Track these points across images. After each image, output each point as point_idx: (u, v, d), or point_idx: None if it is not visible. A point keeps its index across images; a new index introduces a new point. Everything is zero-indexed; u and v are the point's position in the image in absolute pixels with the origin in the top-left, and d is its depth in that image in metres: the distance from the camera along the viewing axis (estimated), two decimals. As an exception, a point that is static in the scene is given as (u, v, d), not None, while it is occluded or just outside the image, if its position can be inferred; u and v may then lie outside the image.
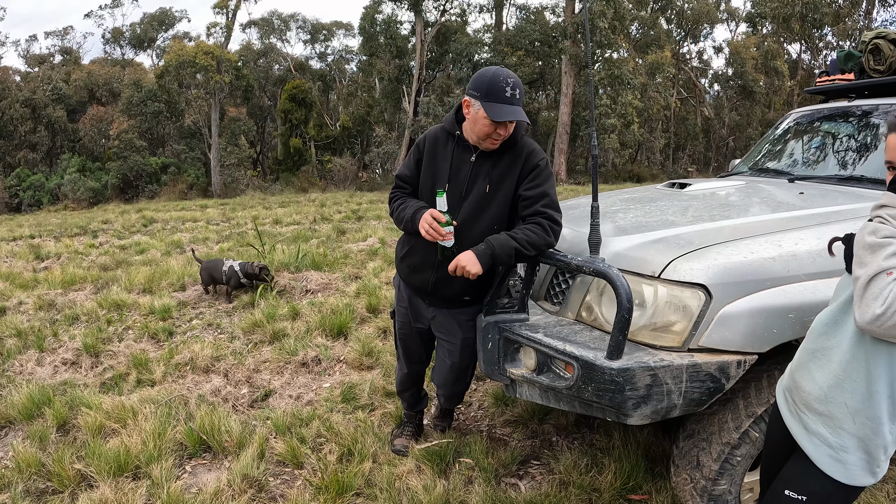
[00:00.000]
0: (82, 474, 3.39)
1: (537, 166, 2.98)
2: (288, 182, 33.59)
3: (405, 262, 3.24)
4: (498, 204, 3.00)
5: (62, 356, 5.21)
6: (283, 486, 3.35)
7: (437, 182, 3.07)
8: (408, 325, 3.40)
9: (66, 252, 10.46)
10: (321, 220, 14.89)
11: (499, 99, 2.80)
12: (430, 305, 3.25)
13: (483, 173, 3.00)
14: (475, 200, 3.00)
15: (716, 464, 2.57)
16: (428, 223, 2.86)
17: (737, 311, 2.38)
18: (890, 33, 4.10)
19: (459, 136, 3.04)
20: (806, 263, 2.51)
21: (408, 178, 3.21)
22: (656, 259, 2.56)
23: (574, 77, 31.51)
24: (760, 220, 2.89)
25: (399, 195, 3.23)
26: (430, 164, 3.11)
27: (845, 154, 3.92)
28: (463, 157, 3.04)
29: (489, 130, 2.84)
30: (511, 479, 3.39)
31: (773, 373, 2.58)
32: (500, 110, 2.79)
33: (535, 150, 3.03)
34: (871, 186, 3.38)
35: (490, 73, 2.85)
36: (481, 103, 2.81)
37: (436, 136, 3.14)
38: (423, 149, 3.15)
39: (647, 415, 2.37)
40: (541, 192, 2.93)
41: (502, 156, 3.00)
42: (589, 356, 2.42)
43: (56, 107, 37.62)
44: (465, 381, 3.48)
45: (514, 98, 2.82)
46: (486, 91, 2.81)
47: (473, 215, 3.00)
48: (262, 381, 4.65)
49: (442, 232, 2.84)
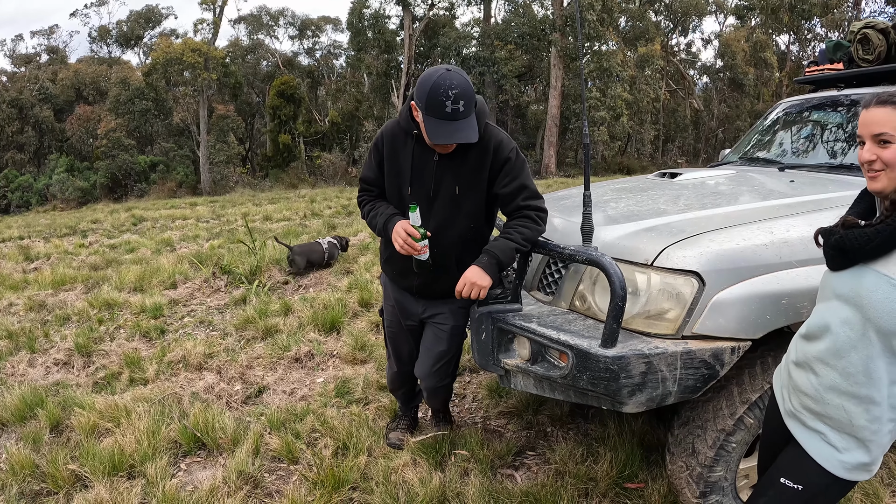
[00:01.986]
0: (77, 475, 3.38)
1: (508, 159, 2.82)
2: (277, 179, 33.51)
3: (389, 265, 3.19)
4: (471, 203, 2.88)
5: (54, 357, 5.17)
6: (278, 481, 3.35)
7: (402, 184, 2.90)
8: (397, 323, 3.32)
9: (55, 252, 10.39)
10: (311, 215, 14.85)
11: (438, 114, 2.55)
12: (419, 299, 3.16)
13: (450, 172, 2.83)
14: (446, 201, 2.86)
15: (711, 450, 2.58)
16: (402, 238, 2.75)
17: (730, 297, 2.39)
18: (878, 23, 4.12)
19: (418, 135, 2.81)
20: (798, 250, 2.51)
21: (372, 180, 3.03)
22: (649, 247, 2.57)
23: (563, 70, 31.52)
24: (752, 208, 2.90)
25: (367, 198, 3.09)
26: (392, 165, 2.92)
27: (835, 143, 3.93)
28: (425, 157, 2.84)
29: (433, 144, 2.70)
30: (507, 471, 3.39)
31: (766, 359, 2.59)
32: (438, 131, 2.58)
33: (503, 140, 2.84)
34: (860, 174, 3.37)
35: (430, 83, 2.55)
36: (423, 115, 2.60)
37: (393, 135, 2.91)
38: (382, 148, 2.94)
39: (642, 402, 2.38)
40: (519, 185, 2.83)
41: (468, 151, 2.80)
42: (583, 345, 2.42)
43: (43, 107, 37.45)
44: (448, 373, 3.31)
45: (458, 112, 2.54)
46: (426, 104, 2.56)
47: (447, 216, 2.87)
48: (256, 378, 4.64)
49: (417, 247, 2.77)
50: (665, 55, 38.90)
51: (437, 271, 2.94)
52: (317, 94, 44.65)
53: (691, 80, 43.08)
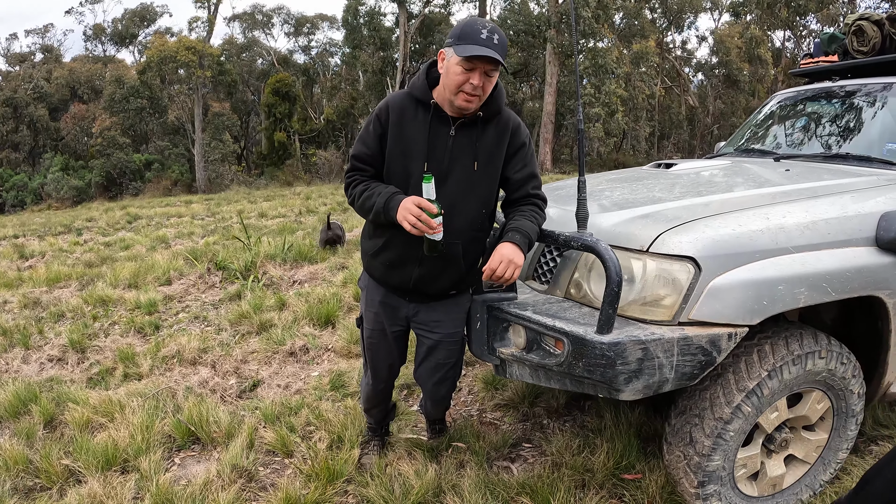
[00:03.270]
0: (70, 470, 3.35)
1: (524, 144, 2.75)
2: (273, 176, 33.52)
3: (379, 259, 2.83)
4: (487, 183, 2.71)
5: (48, 353, 5.16)
6: (273, 474, 3.33)
7: (410, 161, 2.65)
8: (380, 331, 2.99)
9: (50, 250, 10.37)
10: (307, 212, 14.83)
11: (472, 40, 2.42)
12: (410, 301, 2.89)
13: (466, 148, 2.65)
14: (461, 180, 2.66)
15: (709, 440, 2.57)
16: (415, 215, 2.45)
17: (727, 283, 2.38)
18: (873, 15, 4.15)
19: (435, 105, 2.63)
20: (794, 236, 2.52)
21: (368, 157, 2.72)
22: (644, 233, 2.55)
23: (558, 67, 31.51)
24: (747, 195, 2.89)
25: (359, 178, 2.75)
26: (399, 140, 2.66)
27: (830, 133, 3.95)
28: (439, 131, 2.64)
29: (462, 79, 2.47)
30: (503, 462, 3.38)
31: (763, 347, 2.59)
32: (472, 48, 2.42)
33: (521, 125, 2.76)
34: (856, 163, 3.41)
35: (467, 20, 2.52)
36: (454, 48, 2.46)
37: (402, 106, 2.67)
38: (385, 121, 2.67)
39: (638, 389, 2.36)
40: (530, 173, 2.77)
41: (486, 127, 2.67)
42: (579, 331, 2.40)
43: (38, 105, 37.42)
44: (453, 380, 3.14)
45: (492, 41, 2.43)
46: (460, 34, 2.46)
47: (460, 198, 2.66)
48: (250, 372, 4.62)
49: (432, 224, 2.46)
50: (660, 52, 38.96)
51: (441, 261, 2.70)
52: (312, 92, 44.67)
53: (686, 77, 43.17)
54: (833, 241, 2.60)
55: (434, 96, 2.64)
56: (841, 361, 2.71)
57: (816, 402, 2.79)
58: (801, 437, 2.90)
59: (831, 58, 4.61)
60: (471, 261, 2.76)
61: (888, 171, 3.18)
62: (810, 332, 2.69)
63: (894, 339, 2.84)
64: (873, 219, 2.71)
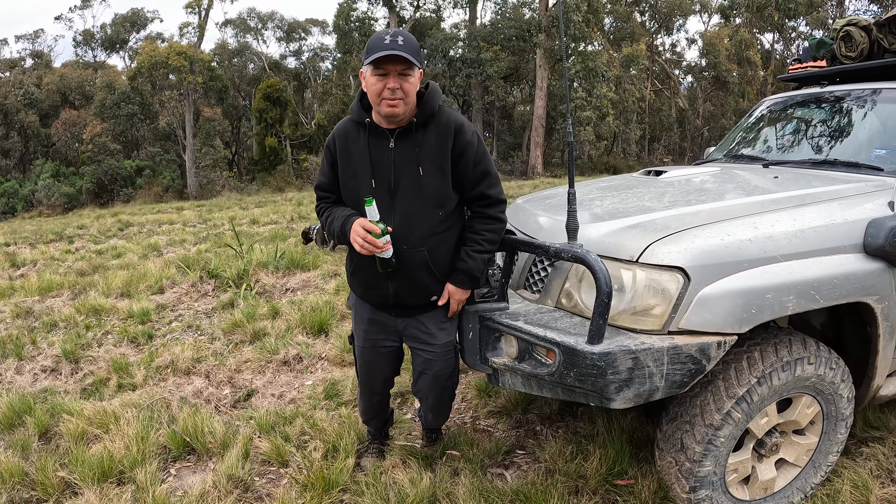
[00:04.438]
0: (66, 482, 3.36)
1: (470, 142, 2.72)
2: (264, 182, 33.49)
3: (356, 279, 2.96)
4: (437, 185, 2.72)
5: (41, 363, 5.15)
6: (269, 485, 3.34)
7: (360, 181, 2.75)
8: (371, 348, 3.06)
9: (42, 258, 10.35)
10: (298, 218, 14.84)
11: (377, 48, 2.50)
12: (397, 317, 2.95)
13: (409, 157, 2.70)
14: (410, 191, 2.71)
15: (699, 446, 2.61)
16: (361, 237, 2.58)
17: (715, 292, 2.41)
18: (861, 21, 4.15)
19: (370, 123, 2.71)
20: (782, 244, 2.56)
21: (327, 185, 2.90)
22: (634, 244, 2.58)
23: (549, 71, 31.63)
24: (736, 204, 2.92)
25: (324, 206, 2.92)
26: (347, 164, 2.79)
27: (818, 139, 3.97)
28: (380, 146, 2.72)
29: (379, 87, 2.55)
30: (497, 470, 3.40)
31: (752, 354, 2.63)
32: (376, 54, 2.49)
33: (464, 124, 2.75)
34: (844, 169, 3.43)
35: (374, 34, 2.62)
36: (365, 63, 2.56)
37: (345, 131, 2.81)
38: (334, 149, 2.82)
39: (629, 398, 2.39)
40: (482, 170, 2.76)
41: (426, 132, 2.71)
42: (570, 342, 2.43)
43: (28, 111, 37.28)
44: (452, 390, 3.20)
45: (396, 44, 2.50)
46: (367, 49, 2.56)
47: (413, 206, 2.71)
48: (244, 381, 4.63)
49: (378, 244, 2.58)
50: (650, 55, 39.13)
51: (410, 272, 2.77)
52: (303, 97, 44.64)
53: (676, 80, 43.36)
54: (821, 249, 2.63)
55: (371, 116, 2.73)
56: (830, 366, 2.75)
57: (806, 407, 2.83)
58: (791, 441, 2.93)
59: (820, 63, 4.60)
60: (443, 263, 2.79)
61: (876, 177, 3.21)
62: (799, 339, 2.73)
63: (883, 344, 2.88)
64: (861, 225, 2.74)
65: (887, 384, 3.16)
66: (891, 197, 2.96)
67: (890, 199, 2.95)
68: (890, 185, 3.05)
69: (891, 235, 2.69)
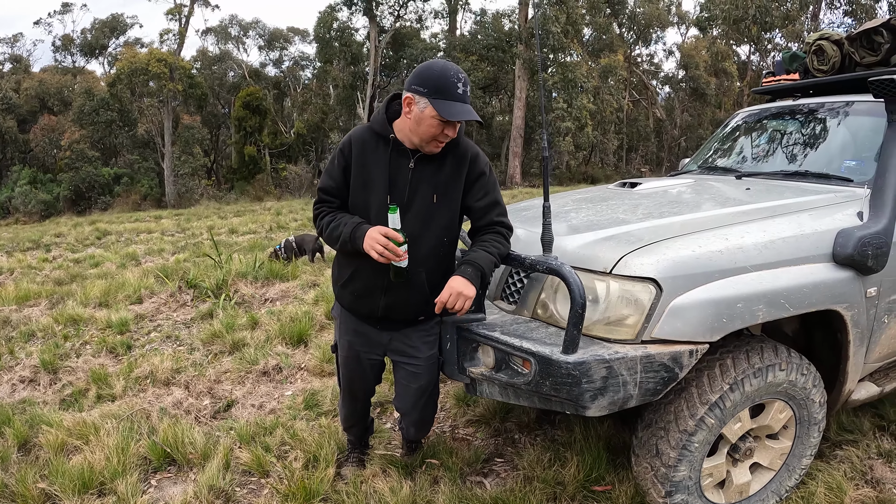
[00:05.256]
0: (46, 493, 3.35)
1: (483, 173, 2.81)
2: (243, 191, 33.36)
3: (348, 289, 2.93)
4: (447, 214, 2.79)
5: (19, 374, 5.11)
6: (250, 495, 3.35)
7: (372, 194, 2.75)
8: (354, 358, 3.07)
9: (18, 267, 10.28)
10: (277, 228, 14.83)
11: (450, 96, 2.53)
12: (382, 330, 2.96)
13: (426, 181, 2.74)
14: (421, 212, 2.74)
15: (674, 451, 2.67)
16: (381, 244, 2.57)
17: (687, 302, 2.48)
18: (833, 35, 4.21)
19: (395, 140, 2.72)
20: (752, 255, 2.63)
21: (334, 189, 2.84)
22: (608, 255, 2.64)
23: (528, 81, 31.82)
24: (708, 216, 2.99)
25: (326, 210, 2.87)
26: (361, 173, 2.77)
27: (790, 150, 4.06)
28: (399, 164, 2.73)
29: (436, 132, 2.58)
30: (476, 478, 3.44)
31: (725, 362, 2.70)
32: (452, 109, 2.52)
33: (479, 154, 2.84)
34: (815, 181, 3.52)
35: (439, 67, 2.58)
36: (429, 100, 2.53)
37: (363, 140, 2.78)
38: (349, 155, 2.78)
39: (604, 406, 2.44)
40: (492, 200, 2.83)
41: (444, 159, 2.75)
42: (545, 351, 2.48)
43: (6, 117, 36.82)
44: (434, 403, 3.24)
45: (466, 96, 2.58)
46: (436, 87, 2.53)
47: (421, 229, 2.74)
48: (224, 392, 4.64)
49: (399, 252, 2.59)
50: (628, 66, 39.46)
51: (406, 289, 2.80)
52: (283, 106, 44.56)
53: (654, 90, 43.75)
54: (790, 259, 2.71)
55: (394, 130, 2.73)
56: (801, 372, 2.82)
57: (779, 412, 2.91)
58: (765, 445, 3.00)
59: (793, 76, 4.68)
60: (435, 287, 2.79)
61: (846, 187, 3.29)
62: (771, 346, 2.80)
63: (853, 350, 2.98)
64: (830, 236, 2.83)
65: (859, 388, 3.26)
66: (860, 207, 3.05)
67: (859, 209, 3.04)
68: (859, 196, 3.14)
69: (859, 245, 2.78)
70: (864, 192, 3.17)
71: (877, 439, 3.66)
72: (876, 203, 3.06)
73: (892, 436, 3.72)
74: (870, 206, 3.06)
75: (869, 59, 3.91)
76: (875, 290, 2.97)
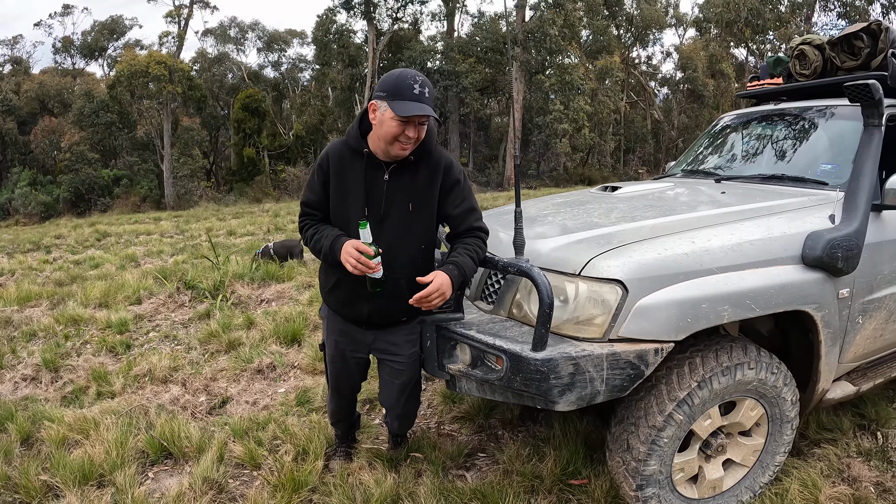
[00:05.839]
0: (48, 485, 3.49)
1: (458, 181, 2.94)
2: (242, 192, 33.43)
3: (334, 296, 3.09)
4: (423, 222, 2.92)
5: (22, 372, 5.25)
6: (242, 486, 3.49)
7: (350, 206, 2.89)
8: (340, 357, 3.23)
9: (19, 268, 10.41)
10: (275, 230, 14.94)
11: (406, 97, 2.66)
12: (367, 330, 3.11)
13: (401, 191, 2.87)
14: (397, 223, 2.87)
15: (644, 446, 2.75)
16: (354, 258, 2.70)
17: (652, 303, 2.58)
18: (815, 39, 4.29)
19: (368, 153, 2.85)
20: (719, 257, 2.73)
21: (315, 203, 2.99)
22: (577, 258, 2.76)
23: (524, 83, 31.87)
24: (678, 219, 3.07)
25: (310, 223, 3.02)
26: (339, 187, 2.91)
27: (769, 154, 4.12)
28: (375, 177, 2.86)
29: (397, 131, 2.69)
30: (458, 471, 3.57)
31: (694, 360, 2.78)
32: (407, 106, 2.65)
33: (453, 162, 2.96)
34: (792, 184, 3.59)
35: (396, 72, 2.72)
36: (388, 102, 2.67)
37: (340, 154, 2.91)
38: (327, 170, 2.93)
39: (572, 401, 2.55)
40: (469, 207, 2.95)
41: (418, 169, 2.88)
42: (516, 349, 2.61)
43: (6, 118, 36.87)
44: (417, 398, 3.41)
45: (423, 96, 2.68)
46: (393, 89, 2.67)
47: (398, 238, 2.87)
48: (220, 389, 4.77)
49: (371, 265, 2.71)
50: (626, 67, 39.49)
51: (388, 296, 2.92)
52: (281, 108, 44.61)
53: (652, 92, 43.79)
54: (757, 261, 2.80)
55: (368, 144, 2.86)
56: (771, 371, 2.90)
57: (750, 410, 2.98)
58: (737, 442, 3.07)
59: (776, 80, 4.71)
60: (415, 292, 2.85)
61: (820, 191, 3.36)
62: (740, 345, 2.88)
63: (825, 350, 3.06)
64: (800, 238, 2.92)
65: (834, 388, 3.33)
66: (832, 210, 3.13)
67: (831, 212, 3.11)
68: (832, 199, 3.21)
69: (828, 248, 2.86)
70: (838, 195, 3.24)
71: (857, 438, 3.73)
72: (849, 206, 3.14)
73: (873, 435, 3.79)
74: (843, 209, 3.13)
75: (849, 63, 3.98)
76: (847, 292, 3.06)
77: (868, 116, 3.40)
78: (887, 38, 3.80)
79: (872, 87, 3.25)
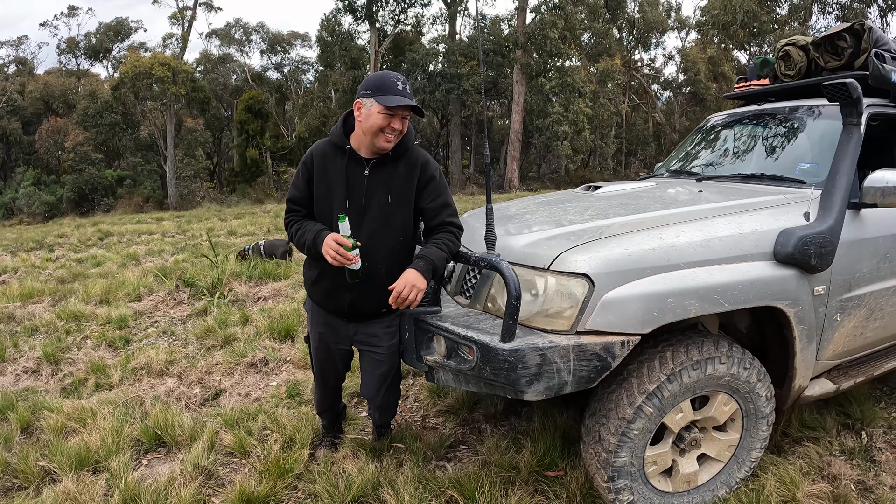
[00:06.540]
0: (46, 470, 3.62)
1: (433, 177, 3.12)
2: (244, 193, 33.51)
3: (317, 288, 3.24)
4: (402, 215, 3.09)
5: (23, 365, 5.39)
6: (230, 473, 3.61)
7: (333, 201, 3.06)
8: (324, 349, 3.39)
9: (23, 266, 10.54)
10: (275, 230, 15.05)
11: (391, 91, 2.87)
12: (349, 322, 3.26)
13: (380, 185, 3.04)
14: (377, 215, 3.05)
15: (614, 437, 2.81)
16: (334, 249, 2.87)
17: (618, 296, 2.66)
18: (799, 40, 4.36)
19: (350, 150, 3.04)
20: (686, 253, 2.79)
21: (300, 199, 3.17)
22: (547, 253, 2.86)
23: (525, 86, 31.92)
24: (650, 216, 3.15)
25: (294, 219, 3.19)
26: (322, 183, 3.08)
27: (751, 154, 4.19)
28: (356, 173, 3.04)
29: (383, 123, 2.89)
30: (439, 462, 3.68)
31: (665, 354, 2.85)
32: (393, 99, 2.85)
33: (429, 160, 3.14)
34: (770, 183, 3.65)
35: (379, 73, 2.95)
36: (374, 98, 2.88)
37: (324, 152, 3.10)
38: (311, 167, 3.11)
39: (540, 391, 2.63)
40: (443, 202, 3.13)
41: (397, 166, 3.07)
42: (486, 340, 2.70)
43: (11, 119, 37.02)
44: (396, 388, 3.53)
45: (406, 91, 2.91)
46: (378, 86, 2.89)
47: (378, 231, 3.05)
48: (214, 382, 4.90)
49: (349, 256, 2.88)
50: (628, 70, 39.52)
51: (368, 286, 3.07)
52: (284, 109, 44.71)
53: (654, 95, 43.81)
54: (726, 257, 2.86)
55: (350, 142, 3.06)
56: (743, 366, 2.95)
57: (723, 405, 3.02)
58: (712, 437, 3.12)
59: (763, 81, 4.76)
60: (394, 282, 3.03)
61: (797, 189, 3.41)
62: (711, 340, 2.94)
63: (800, 346, 3.11)
64: (772, 235, 2.98)
65: (813, 385, 3.37)
66: (807, 208, 3.18)
67: (806, 209, 3.17)
68: (808, 197, 3.26)
69: (800, 244, 2.92)
70: (814, 193, 3.29)
71: (840, 437, 3.78)
72: (824, 203, 3.19)
73: (858, 434, 3.83)
74: (818, 207, 3.18)
75: (833, 63, 4.04)
76: (823, 289, 3.11)
77: (847, 115, 3.45)
78: (870, 38, 3.85)
79: (850, 86, 3.32)
